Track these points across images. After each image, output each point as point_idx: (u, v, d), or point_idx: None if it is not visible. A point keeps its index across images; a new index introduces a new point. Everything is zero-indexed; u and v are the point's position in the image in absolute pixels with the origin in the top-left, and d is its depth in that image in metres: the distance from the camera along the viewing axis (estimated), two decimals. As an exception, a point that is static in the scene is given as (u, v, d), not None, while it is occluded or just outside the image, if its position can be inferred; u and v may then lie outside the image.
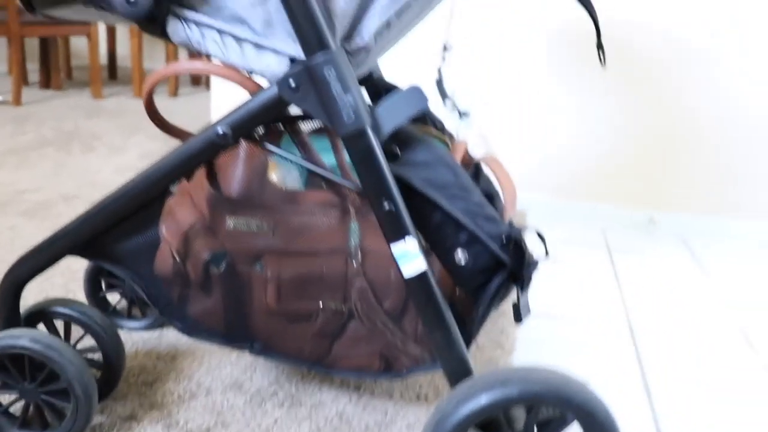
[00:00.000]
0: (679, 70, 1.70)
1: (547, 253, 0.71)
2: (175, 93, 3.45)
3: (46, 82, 3.41)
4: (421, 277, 0.66)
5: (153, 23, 0.64)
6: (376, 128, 0.62)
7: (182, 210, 0.78)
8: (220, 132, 0.64)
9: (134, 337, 1.07)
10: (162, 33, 0.65)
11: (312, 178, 0.85)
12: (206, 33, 0.65)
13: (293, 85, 0.62)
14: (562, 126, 1.80)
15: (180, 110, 3.04)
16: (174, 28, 0.64)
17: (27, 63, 3.75)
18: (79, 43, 4.42)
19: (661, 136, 1.76)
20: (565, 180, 1.83)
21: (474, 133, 0.93)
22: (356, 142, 0.62)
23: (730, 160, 1.73)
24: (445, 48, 1.86)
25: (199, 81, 3.85)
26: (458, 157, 0.87)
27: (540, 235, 0.70)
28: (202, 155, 0.66)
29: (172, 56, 3.46)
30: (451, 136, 0.95)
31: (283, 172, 0.84)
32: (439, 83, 1.84)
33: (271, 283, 0.74)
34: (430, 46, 1.57)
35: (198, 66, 0.65)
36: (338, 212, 0.78)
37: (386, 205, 0.63)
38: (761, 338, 1.22)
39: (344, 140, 0.62)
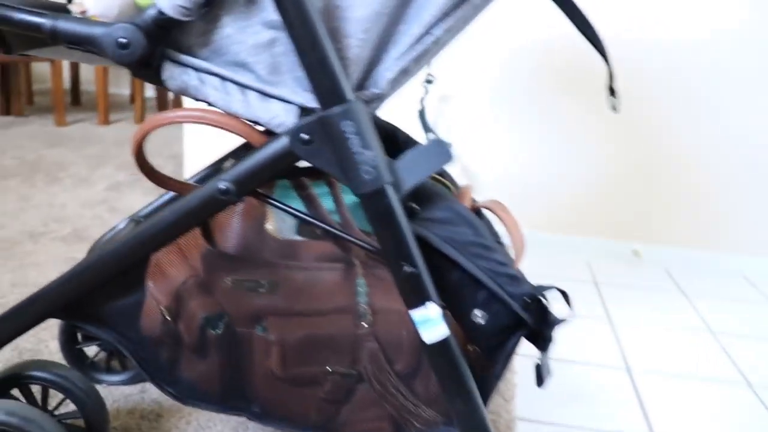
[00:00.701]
0: (666, 105, 1.70)
1: (571, 311, 0.67)
2: (141, 120, 3.35)
3: (6, 108, 3.27)
4: (443, 343, 0.61)
5: (147, 68, 0.58)
6: (396, 185, 0.57)
7: (172, 265, 0.71)
8: (223, 188, 0.58)
9: (115, 393, 0.99)
10: (157, 78, 0.59)
11: (305, 226, 0.80)
12: (206, 79, 0.59)
13: (305, 138, 0.56)
14: (546, 158, 1.78)
15: (149, 140, 2.96)
16: (170, 73, 0.59)
17: (-15, 88, 3.61)
18: (40, 67, 4.29)
19: (645, 170, 1.75)
20: (549, 213, 1.81)
21: (457, 165, 0.89)
22: (375, 201, 0.57)
23: (715, 195, 1.73)
24: (427, 80, 1.83)
25: (165, 108, 3.75)
26: (465, 204, 0.83)
27: (563, 293, 0.66)
28: (202, 213, 0.60)
29: (138, 83, 3.36)
30: (452, 180, 0.91)
31: (277, 221, 0.79)
32: (422, 115, 1.81)
33: (275, 347, 0.68)
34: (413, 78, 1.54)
35: (196, 115, 0.59)
36: (343, 267, 0.73)
37: (407, 269, 0.58)
38: (759, 370, 1.20)
39: (361, 198, 0.57)
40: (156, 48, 0.57)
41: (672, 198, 1.75)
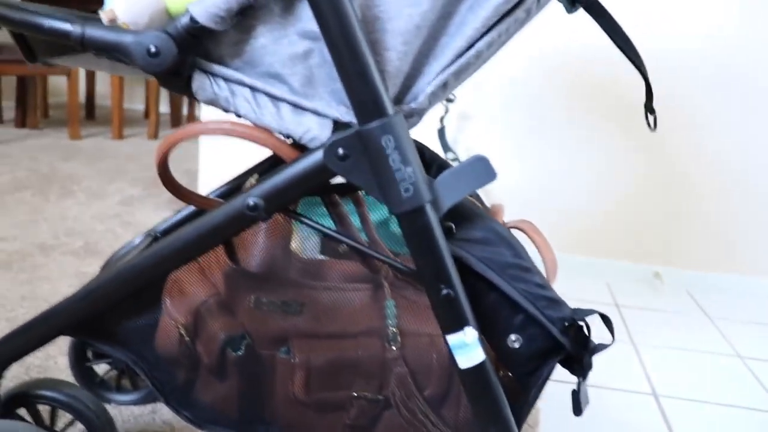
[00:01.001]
0: (688, 129, 1.68)
1: (613, 337, 0.64)
2: (155, 135, 3.35)
3: (22, 121, 3.28)
4: (479, 369, 0.58)
5: (176, 78, 0.56)
6: (435, 204, 0.54)
7: (192, 282, 0.69)
8: (251, 203, 0.56)
9: (124, 413, 0.96)
10: (186, 89, 0.57)
11: (329, 244, 0.78)
12: (237, 90, 0.57)
13: (341, 153, 0.54)
14: (566, 180, 1.75)
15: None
16: (200, 83, 0.57)
17: (3, 100, 3.63)
18: (56, 80, 4.31)
19: (665, 192, 1.72)
20: (568, 234, 1.78)
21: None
22: (413, 221, 0.54)
23: (735, 217, 1.70)
24: (448, 99, 1.81)
25: (179, 124, 3.76)
26: (496, 223, 0.80)
27: (605, 318, 0.63)
28: (228, 230, 0.57)
29: (153, 99, 3.37)
30: (479, 199, 0.89)
31: (301, 239, 0.76)
32: (441, 134, 1.79)
33: (299, 371, 0.65)
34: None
35: (226, 127, 0.57)
36: (371, 288, 0.70)
37: (444, 291, 0.55)
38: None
39: (398, 217, 0.55)
40: (187, 57, 0.55)
41: (691, 220, 1.72)
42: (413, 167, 0.53)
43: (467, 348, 0.57)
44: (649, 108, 0.81)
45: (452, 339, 0.57)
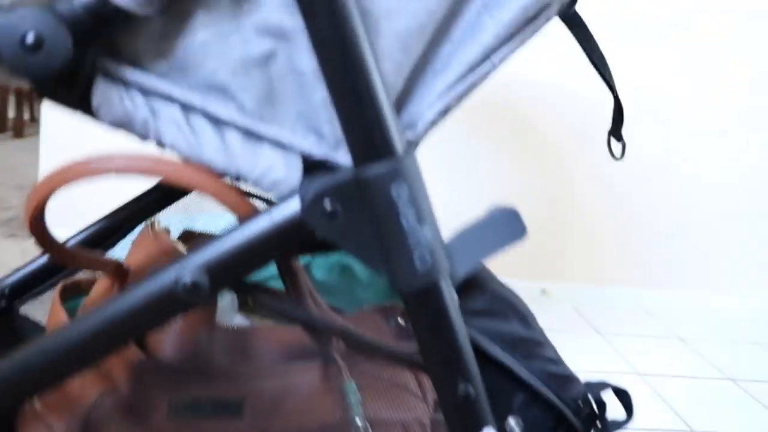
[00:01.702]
0: (570, 142, 1.68)
1: (630, 414, 0.54)
2: (20, 136, 2.80)
3: None
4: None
5: (66, 86, 0.36)
6: (452, 275, 0.40)
7: (76, 378, 0.48)
8: (187, 282, 0.37)
9: None
10: (80, 103, 0.37)
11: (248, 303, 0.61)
12: (161, 108, 0.38)
13: (329, 208, 0.37)
14: (453, 199, 1.69)
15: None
16: (104, 96, 0.37)
17: None
18: None
19: (551, 209, 1.72)
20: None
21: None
22: (425, 300, 0.39)
23: (616, 231, 1.74)
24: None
25: (21, 133, 3.19)
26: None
27: (621, 393, 0.53)
28: (150, 320, 0.38)
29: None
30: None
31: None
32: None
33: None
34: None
35: (145, 165, 0.37)
36: (320, 365, 0.54)
37: (462, 389, 0.41)
38: (682, 404, 1.16)
39: (405, 296, 0.39)
40: (86, 53, 0.35)
41: (576, 236, 1.74)
42: (430, 226, 0.38)
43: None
44: (616, 135, 0.72)
45: (468, 450, 0.43)
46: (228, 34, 0.38)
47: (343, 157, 0.40)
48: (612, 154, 0.72)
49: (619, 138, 0.70)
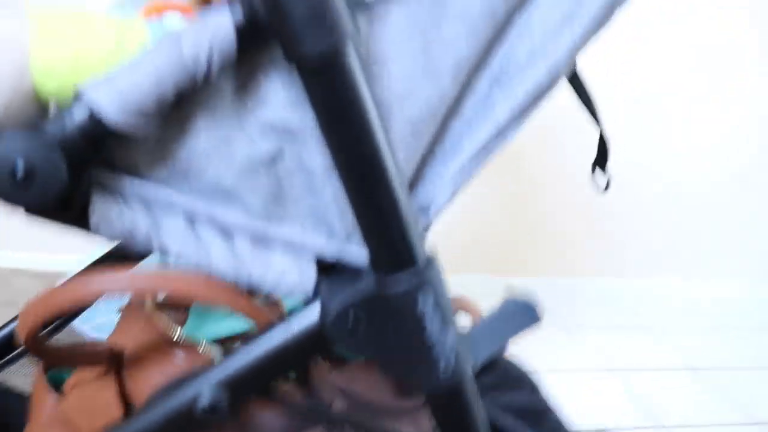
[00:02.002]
0: (534, 141, 1.69)
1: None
2: None
3: None
4: None
5: (61, 207, 0.33)
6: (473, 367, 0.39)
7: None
8: (206, 404, 0.35)
9: None
10: (78, 221, 0.34)
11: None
12: (162, 219, 0.36)
13: (352, 319, 0.36)
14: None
15: None
16: (102, 213, 0.34)
17: None
18: None
19: (515, 201, 1.73)
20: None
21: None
22: (449, 399, 0.38)
23: (571, 224, 1.77)
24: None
25: None
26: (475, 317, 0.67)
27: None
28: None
29: None
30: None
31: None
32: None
33: None
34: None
35: (150, 284, 0.35)
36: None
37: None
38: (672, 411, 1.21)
39: (429, 396, 0.38)
40: (82, 175, 0.32)
41: (534, 229, 1.76)
42: (453, 332, 0.37)
43: None
44: (601, 166, 0.72)
45: None
46: (232, 134, 0.36)
47: (356, 251, 0.38)
48: (596, 187, 0.72)
49: (603, 167, 0.70)
